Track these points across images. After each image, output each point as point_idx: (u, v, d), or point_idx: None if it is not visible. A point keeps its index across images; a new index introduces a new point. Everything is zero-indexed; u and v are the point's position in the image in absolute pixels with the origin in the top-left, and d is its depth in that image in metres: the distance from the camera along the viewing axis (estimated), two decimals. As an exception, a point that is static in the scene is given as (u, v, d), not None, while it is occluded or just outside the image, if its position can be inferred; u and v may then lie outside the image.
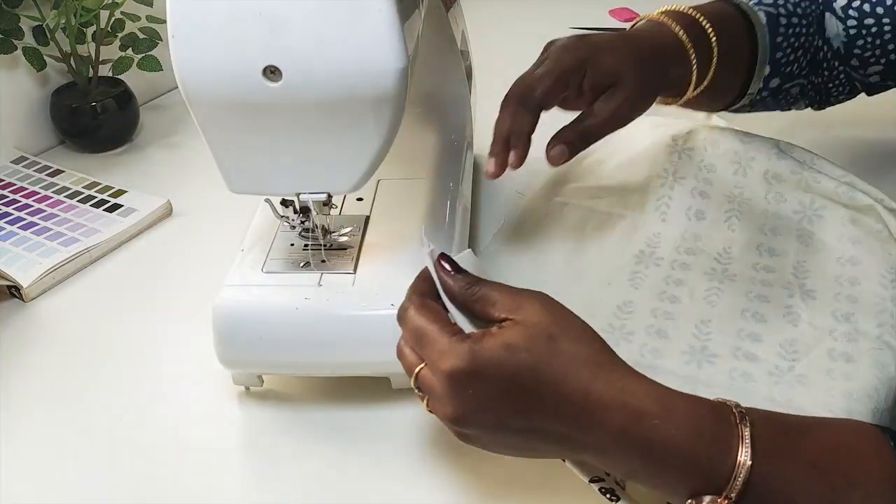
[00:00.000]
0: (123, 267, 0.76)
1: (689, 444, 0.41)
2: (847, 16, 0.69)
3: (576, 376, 0.42)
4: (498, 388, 0.43)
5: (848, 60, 0.71)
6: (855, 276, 0.62)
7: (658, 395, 0.43)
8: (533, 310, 0.44)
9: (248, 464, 0.56)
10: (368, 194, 0.66)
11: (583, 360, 0.43)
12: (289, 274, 0.57)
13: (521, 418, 0.43)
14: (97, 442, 0.58)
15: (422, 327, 0.45)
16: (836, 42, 0.70)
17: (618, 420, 0.42)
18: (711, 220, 0.69)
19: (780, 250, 0.66)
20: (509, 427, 0.44)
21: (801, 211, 0.68)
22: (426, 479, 0.54)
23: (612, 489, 0.47)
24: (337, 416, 0.58)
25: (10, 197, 0.84)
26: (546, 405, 0.43)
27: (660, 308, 0.62)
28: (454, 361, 0.43)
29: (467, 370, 0.42)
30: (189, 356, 0.63)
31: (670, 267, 0.65)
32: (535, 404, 0.43)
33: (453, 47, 0.71)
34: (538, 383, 0.42)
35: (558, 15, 1.32)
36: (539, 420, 0.43)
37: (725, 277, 0.64)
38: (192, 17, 0.46)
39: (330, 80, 0.47)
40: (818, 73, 0.72)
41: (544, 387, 0.42)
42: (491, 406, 0.43)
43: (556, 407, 0.42)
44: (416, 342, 0.46)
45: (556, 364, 0.43)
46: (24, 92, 0.93)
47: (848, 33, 0.69)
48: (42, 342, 0.67)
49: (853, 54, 0.70)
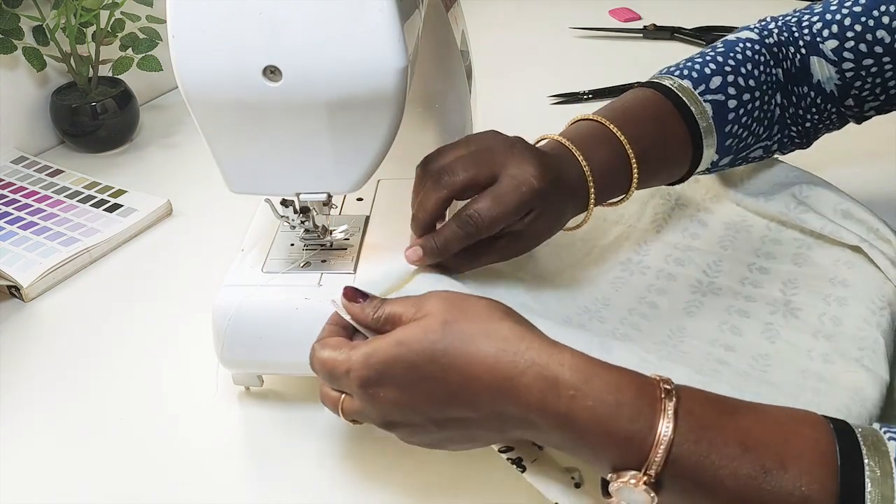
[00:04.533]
0: (123, 267, 0.76)
1: (608, 417, 0.40)
2: (841, 58, 0.66)
3: (479, 354, 0.42)
4: (403, 383, 0.43)
5: (843, 101, 0.68)
6: (844, 297, 0.61)
7: (576, 364, 0.42)
8: (429, 305, 0.45)
9: (248, 464, 0.56)
10: (368, 194, 0.66)
11: (484, 336, 0.42)
12: (289, 274, 0.57)
13: (438, 409, 0.43)
14: (97, 441, 0.58)
15: (324, 360, 0.47)
16: (829, 86, 0.67)
17: (534, 392, 0.41)
18: (706, 239, 0.69)
19: (772, 269, 0.65)
20: (434, 420, 0.44)
21: (800, 238, 0.68)
22: (426, 479, 0.54)
23: (521, 458, 0.48)
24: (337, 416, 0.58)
25: (10, 197, 0.84)
26: (457, 390, 0.42)
27: (637, 309, 0.61)
28: (356, 372, 0.45)
29: (368, 375, 0.44)
30: (189, 356, 0.63)
31: (655, 276, 0.65)
32: (446, 392, 0.43)
33: (453, 47, 0.71)
34: (442, 369, 0.42)
35: (558, 15, 1.32)
36: (457, 407, 0.43)
37: (710, 291, 0.63)
38: (192, 17, 0.46)
39: (330, 80, 0.47)
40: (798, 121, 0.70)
41: (449, 371, 0.42)
42: (406, 403, 0.44)
43: (468, 390, 0.42)
44: (328, 377, 0.47)
45: (455, 346, 0.42)
46: (24, 92, 0.93)
47: (843, 76, 0.67)
48: (42, 342, 0.67)
49: (849, 95, 0.68)
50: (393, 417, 0.45)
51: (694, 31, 1.22)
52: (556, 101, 1.04)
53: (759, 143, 0.69)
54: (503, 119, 0.63)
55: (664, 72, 0.67)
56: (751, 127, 0.66)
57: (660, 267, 0.66)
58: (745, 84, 0.65)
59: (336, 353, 0.46)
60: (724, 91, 0.65)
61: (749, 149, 0.68)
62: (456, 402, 0.43)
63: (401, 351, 0.43)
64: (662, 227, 0.70)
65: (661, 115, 0.63)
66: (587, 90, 1.05)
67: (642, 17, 1.31)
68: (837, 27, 0.66)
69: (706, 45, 1.15)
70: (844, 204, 0.68)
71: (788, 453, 0.39)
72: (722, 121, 0.64)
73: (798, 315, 0.60)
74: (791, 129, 0.70)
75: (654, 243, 0.69)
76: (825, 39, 0.66)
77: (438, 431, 0.45)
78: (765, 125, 0.67)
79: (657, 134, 0.62)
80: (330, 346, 0.48)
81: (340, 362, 0.46)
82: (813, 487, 0.38)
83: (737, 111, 0.65)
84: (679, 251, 0.68)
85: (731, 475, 0.39)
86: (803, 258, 0.66)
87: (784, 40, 0.68)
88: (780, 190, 0.70)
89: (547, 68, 1.16)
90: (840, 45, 0.66)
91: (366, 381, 0.44)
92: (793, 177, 0.72)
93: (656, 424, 0.40)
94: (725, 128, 0.64)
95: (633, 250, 0.68)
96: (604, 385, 0.41)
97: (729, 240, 0.69)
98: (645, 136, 0.61)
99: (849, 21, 0.66)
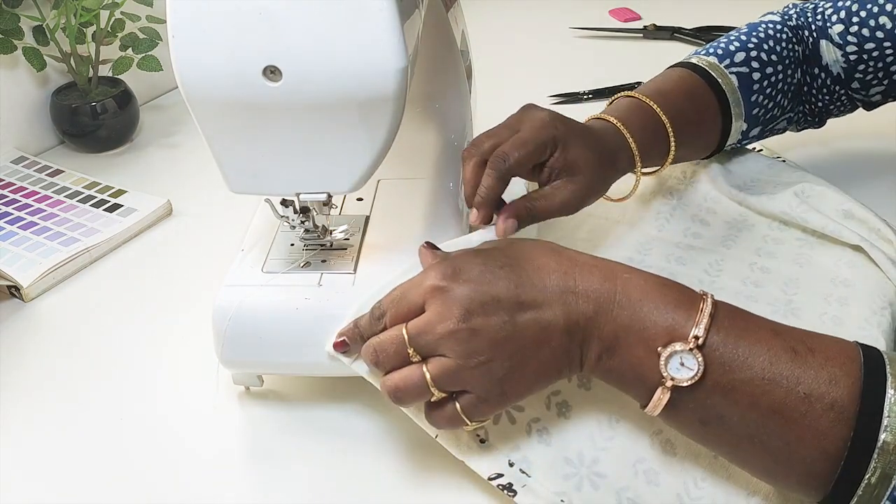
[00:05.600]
0: (123, 267, 0.76)
1: (657, 292, 0.46)
2: (846, 42, 0.71)
3: (545, 248, 0.49)
4: (481, 272, 0.47)
5: (849, 84, 0.73)
6: (845, 296, 0.61)
7: (624, 264, 0.49)
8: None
9: (247, 463, 0.56)
10: (368, 194, 0.66)
11: (548, 247, 0.50)
12: (289, 274, 0.57)
13: (512, 292, 0.46)
14: (97, 441, 0.58)
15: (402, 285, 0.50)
16: (836, 68, 0.73)
17: (596, 275, 0.47)
18: (709, 238, 0.69)
19: (774, 269, 0.66)
20: (506, 306, 0.46)
21: (802, 238, 0.68)
22: (426, 479, 0.54)
23: (511, 483, 0.49)
24: (337, 416, 0.58)
25: (10, 197, 0.84)
26: (529, 275, 0.47)
27: None
28: (434, 273, 0.47)
29: (449, 270, 0.47)
30: (189, 356, 0.63)
31: None
32: (519, 277, 0.47)
33: (453, 47, 0.71)
34: (514, 259, 0.48)
35: (558, 15, 1.32)
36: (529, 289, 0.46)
37: (711, 290, 0.63)
38: (192, 17, 0.46)
39: (330, 80, 0.47)
40: (811, 100, 0.75)
41: (521, 260, 0.48)
42: (484, 289, 0.46)
43: (538, 273, 0.47)
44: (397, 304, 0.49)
45: (524, 248, 0.49)
46: (24, 92, 0.93)
47: (848, 59, 0.72)
48: (42, 342, 0.67)
49: (854, 78, 0.72)
50: (472, 309, 0.46)
51: (694, 31, 1.22)
52: (556, 101, 1.04)
53: (784, 115, 0.74)
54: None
55: (692, 54, 0.74)
56: (776, 98, 0.72)
57: (661, 266, 0.66)
58: (768, 59, 0.71)
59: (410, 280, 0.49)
60: (748, 64, 0.71)
61: (776, 120, 0.74)
62: (528, 284, 0.46)
63: (475, 251, 0.50)
64: (665, 226, 0.70)
65: (692, 89, 0.70)
66: (587, 90, 1.05)
67: (642, 17, 1.31)
68: (845, 13, 0.71)
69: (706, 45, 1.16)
70: (846, 204, 0.68)
71: (816, 343, 0.44)
72: (747, 91, 0.70)
73: (799, 314, 0.60)
74: (806, 105, 0.75)
75: (656, 242, 0.69)
76: (833, 24, 0.72)
77: (512, 327, 0.46)
78: (789, 97, 0.73)
79: (690, 106, 0.68)
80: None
81: (417, 279, 0.48)
82: (837, 370, 0.42)
83: (761, 83, 0.71)
84: (681, 250, 0.68)
85: (765, 350, 0.43)
86: (805, 258, 0.66)
87: (801, 24, 0.74)
88: (783, 189, 0.71)
89: (547, 68, 1.16)
90: (845, 30, 0.71)
91: (443, 275, 0.47)
92: (795, 177, 0.72)
93: (698, 299, 0.45)
94: (751, 97, 0.71)
95: (634, 249, 0.68)
96: (650, 275, 0.48)
97: (731, 239, 0.69)
98: (678, 108, 0.67)
99: (855, 7, 0.71)
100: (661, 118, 0.65)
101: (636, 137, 0.63)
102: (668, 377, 0.44)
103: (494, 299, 0.46)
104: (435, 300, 0.46)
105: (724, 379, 0.43)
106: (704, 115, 0.69)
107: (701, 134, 0.70)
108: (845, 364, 0.42)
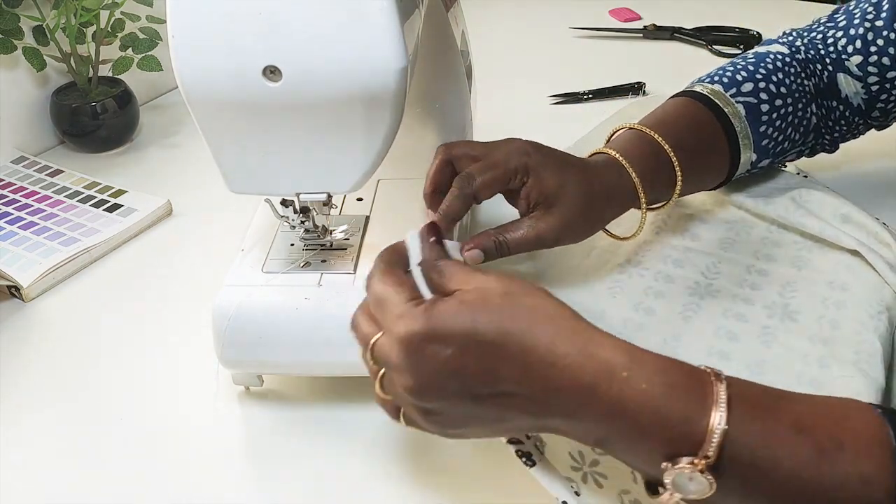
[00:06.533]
0: (123, 267, 0.76)
1: (662, 399, 0.39)
2: (867, 73, 0.69)
3: (538, 330, 0.41)
4: (457, 347, 0.40)
5: (870, 114, 0.71)
6: (843, 300, 0.61)
7: (627, 348, 0.41)
8: (486, 278, 0.43)
9: (248, 463, 0.56)
10: (368, 194, 0.66)
11: (544, 314, 0.41)
12: (289, 274, 0.57)
13: (483, 382, 0.41)
14: (97, 441, 0.58)
15: (383, 292, 0.44)
16: (856, 100, 0.70)
17: (587, 374, 0.40)
18: (706, 240, 0.69)
19: (771, 272, 0.65)
20: (472, 393, 0.41)
21: (800, 241, 0.68)
22: (426, 479, 0.54)
23: (530, 453, 0.47)
24: (337, 416, 0.58)
25: (10, 197, 0.84)
26: (509, 362, 0.40)
27: (633, 319, 0.61)
28: (410, 324, 0.41)
29: (423, 332, 0.41)
30: (189, 356, 0.63)
31: (654, 278, 0.65)
32: (498, 362, 0.40)
33: (453, 47, 0.71)
34: (500, 335, 0.40)
35: (558, 15, 1.32)
36: (504, 381, 0.41)
37: (707, 293, 0.63)
38: (192, 17, 0.46)
39: (330, 80, 0.47)
40: (830, 132, 0.73)
41: (508, 337, 0.40)
42: (451, 369, 0.41)
43: (521, 363, 0.40)
44: (376, 307, 0.44)
45: (516, 317, 0.41)
46: (24, 92, 0.93)
47: (869, 90, 0.69)
48: (42, 342, 0.67)
49: (876, 108, 0.70)
50: (428, 381, 0.41)
51: (694, 31, 1.22)
52: (556, 101, 1.04)
53: (795, 149, 0.71)
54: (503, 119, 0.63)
55: (695, 81, 0.70)
56: (786, 132, 0.69)
57: (658, 268, 0.66)
58: (777, 91, 0.68)
59: (396, 293, 0.43)
60: (756, 95, 0.67)
61: (786, 153, 0.71)
62: (502, 374, 0.41)
63: (463, 310, 0.41)
64: (662, 228, 0.70)
65: (698, 121, 0.66)
66: (587, 90, 1.05)
67: (642, 17, 1.31)
68: (861, 42, 0.68)
69: (706, 45, 1.17)
70: (844, 208, 0.68)
71: (844, 434, 0.39)
72: (756, 122, 0.67)
73: (796, 318, 0.60)
74: (825, 136, 0.73)
75: (653, 244, 0.69)
76: (850, 56, 0.69)
77: (467, 406, 0.42)
78: (800, 132, 0.70)
79: (694, 135, 0.65)
80: (395, 279, 0.45)
81: (397, 305, 0.43)
82: (870, 467, 0.38)
83: (770, 115, 0.67)
84: (678, 252, 0.68)
85: (788, 455, 0.38)
86: (803, 261, 0.66)
87: (811, 57, 0.71)
88: (780, 194, 0.70)
89: (547, 68, 1.16)
90: (864, 61, 0.68)
91: (416, 335, 0.41)
92: (793, 183, 0.72)
93: (710, 406, 0.38)
94: (760, 128, 0.67)
95: (632, 253, 0.68)
96: (654, 368, 0.40)
97: (729, 241, 0.69)
98: (681, 137, 0.63)
99: (871, 36, 0.68)
100: (664, 147, 0.62)
101: (637, 168, 0.60)
102: (673, 492, 0.39)
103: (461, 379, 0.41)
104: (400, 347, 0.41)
105: (741, 488, 0.39)
106: (710, 144, 0.66)
107: (709, 165, 0.67)
108: (877, 454, 0.38)
